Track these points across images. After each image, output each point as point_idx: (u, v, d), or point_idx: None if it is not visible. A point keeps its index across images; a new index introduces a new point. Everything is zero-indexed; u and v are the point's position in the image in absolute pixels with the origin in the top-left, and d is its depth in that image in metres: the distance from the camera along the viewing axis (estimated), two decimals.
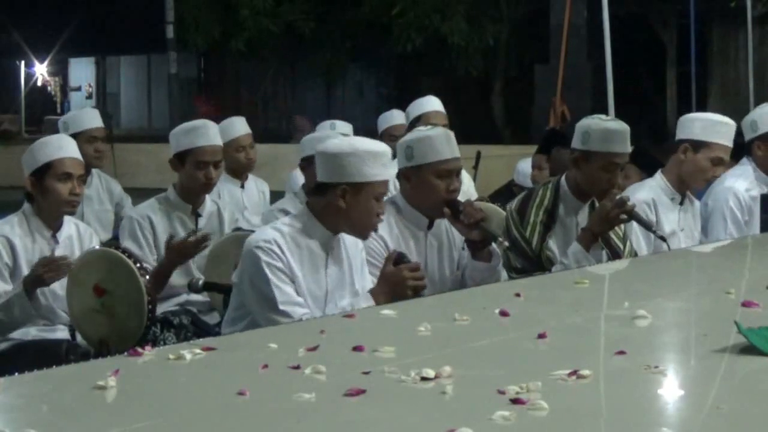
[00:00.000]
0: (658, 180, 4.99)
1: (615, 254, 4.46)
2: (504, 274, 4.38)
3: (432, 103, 6.26)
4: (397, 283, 3.71)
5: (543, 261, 4.35)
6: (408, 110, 6.34)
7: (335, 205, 3.67)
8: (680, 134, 5.02)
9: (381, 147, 3.75)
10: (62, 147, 4.53)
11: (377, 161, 3.68)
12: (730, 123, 5.05)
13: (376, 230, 3.80)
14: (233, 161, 6.24)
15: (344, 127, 6.56)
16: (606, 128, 4.43)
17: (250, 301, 3.68)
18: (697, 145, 4.94)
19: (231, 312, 3.82)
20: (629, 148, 4.50)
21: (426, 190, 4.12)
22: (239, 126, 6.35)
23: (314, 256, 3.72)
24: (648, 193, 4.86)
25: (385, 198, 3.91)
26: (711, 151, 4.94)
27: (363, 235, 3.79)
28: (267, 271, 3.61)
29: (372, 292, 3.73)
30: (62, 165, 4.46)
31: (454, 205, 4.12)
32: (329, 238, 3.75)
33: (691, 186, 5.03)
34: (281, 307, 3.59)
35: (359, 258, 3.88)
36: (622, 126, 4.47)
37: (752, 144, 5.58)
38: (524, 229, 4.41)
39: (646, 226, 4.54)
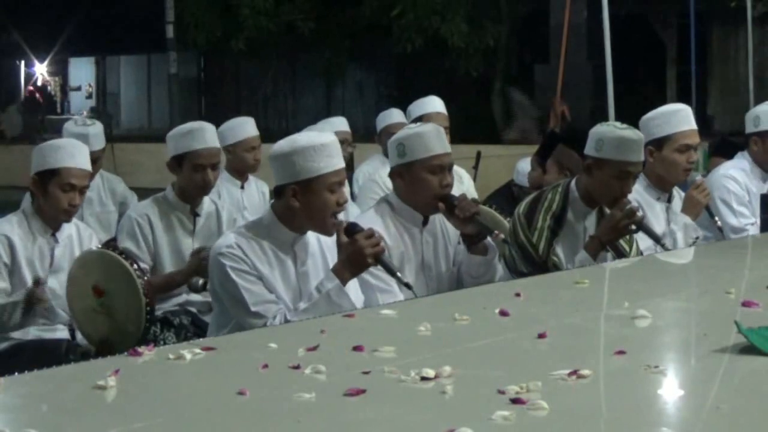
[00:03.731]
0: (642, 182, 4.97)
1: (621, 256, 4.44)
2: (500, 267, 4.38)
3: (434, 104, 6.25)
4: (355, 253, 3.66)
5: (549, 267, 4.33)
6: (409, 110, 6.33)
7: (290, 205, 3.67)
8: (644, 138, 5.01)
9: (324, 138, 3.72)
10: (73, 156, 4.49)
11: (321, 154, 3.65)
12: (681, 108, 5.06)
13: (335, 225, 3.71)
14: (241, 161, 6.21)
15: (339, 122, 6.57)
16: (620, 136, 4.39)
17: (227, 307, 3.69)
18: (659, 143, 4.93)
19: (214, 317, 3.84)
20: (642, 157, 4.48)
21: (419, 186, 4.11)
22: (250, 127, 6.30)
23: (280, 257, 3.71)
24: (633, 194, 4.83)
25: (379, 197, 3.90)
26: (673, 142, 4.92)
27: (325, 230, 3.74)
28: (233, 275, 3.62)
29: (334, 270, 3.68)
30: (68, 175, 4.44)
31: (449, 200, 4.13)
32: (295, 239, 3.74)
33: (672, 182, 5.01)
34: (253, 308, 3.59)
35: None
36: (637, 134, 4.43)
37: (749, 138, 5.60)
38: (531, 234, 4.37)
39: (654, 237, 4.51)
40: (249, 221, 3.87)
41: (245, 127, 6.27)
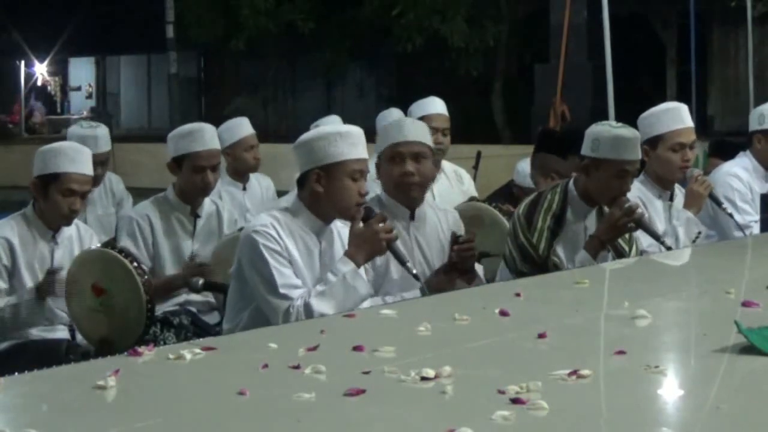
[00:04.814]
0: (643, 180, 4.99)
1: (620, 256, 4.44)
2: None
3: (435, 105, 6.22)
4: (370, 238, 3.71)
5: (549, 267, 4.32)
6: (410, 110, 6.30)
7: (315, 191, 3.72)
8: (641, 137, 5.04)
9: (349, 127, 3.81)
10: (75, 160, 4.45)
11: (345, 141, 3.72)
12: (672, 107, 5.10)
13: (358, 210, 3.76)
14: (241, 161, 6.20)
15: (333, 121, 6.57)
16: (616, 135, 4.39)
17: (251, 286, 3.70)
18: (653, 142, 4.95)
19: (231, 308, 3.83)
20: (639, 155, 4.49)
21: (385, 177, 4.20)
22: (246, 126, 6.32)
23: (308, 245, 3.75)
24: (635, 192, 4.85)
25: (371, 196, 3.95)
26: (666, 141, 4.94)
27: (347, 215, 3.78)
28: (266, 254, 3.64)
29: (348, 254, 3.71)
30: (69, 180, 4.42)
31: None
32: (321, 228, 3.79)
33: (670, 181, 5.02)
34: (281, 290, 3.62)
35: None
36: (632, 132, 4.44)
37: (753, 136, 5.60)
38: (531, 235, 4.37)
39: (654, 235, 4.52)
40: (278, 208, 3.89)
41: (241, 126, 6.28)
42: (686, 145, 4.96)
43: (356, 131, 3.79)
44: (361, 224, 3.74)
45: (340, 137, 3.72)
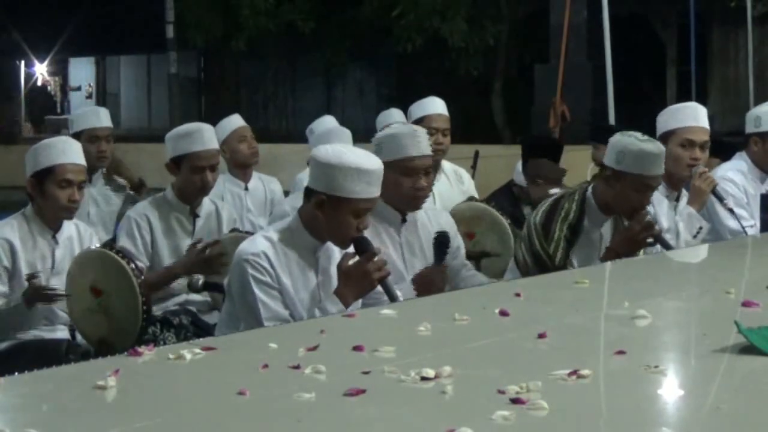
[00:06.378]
0: None
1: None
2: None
3: (435, 105, 6.22)
4: (361, 277, 3.62)
5: None
6: (410, 110, 6.31)
7: (314, 213, 3.63)
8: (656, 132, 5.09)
9: (371, 164, 3.62)
10: (65, 152, 4.49)
11: (362, 179, 3.57)
12: (689, 105, 5.18)
13: (350, 244, 3.69)
14: (237, 153, 6.21)
15: (329, 121, 6.59)
16: (642, 149, 4.36)
17: (238, 311, 3.69)
18: (665, 137, 4.98)
19: (225, 315, 3.81)
20: (663, 170, 4.47)
21: (391, 186, 3.99)
22: (237, 119, 6.40)
23: (303, 266, 3.69)
24: None
25: None
26: (677, 137, 4.99)
27: (339, 245, 3.71)
28: (254, 285, 3.59)
29: (338, 293, 3.64)
30: (63, 171, 4.44)
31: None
32: (317, 247, 3.72)
33: (678, 178, 5.03)
34: (266, 323, 3.57)
35: None
36: (659, 148, 4.41)
37: (750, 138, 5.60)
38: (548, 245, 4.34)
39: (668, 248, 4.53)
40: (277, 224, 3.81)
41: (231, 120, 6.38)
42: (696, 144, 5.00)
43: (377, 169, 3.62)
44: (347, 264, 3.63)
45: (359, 175, 3.56)
